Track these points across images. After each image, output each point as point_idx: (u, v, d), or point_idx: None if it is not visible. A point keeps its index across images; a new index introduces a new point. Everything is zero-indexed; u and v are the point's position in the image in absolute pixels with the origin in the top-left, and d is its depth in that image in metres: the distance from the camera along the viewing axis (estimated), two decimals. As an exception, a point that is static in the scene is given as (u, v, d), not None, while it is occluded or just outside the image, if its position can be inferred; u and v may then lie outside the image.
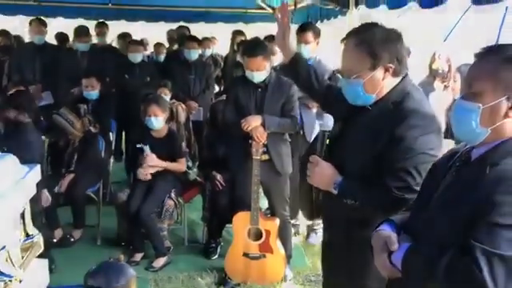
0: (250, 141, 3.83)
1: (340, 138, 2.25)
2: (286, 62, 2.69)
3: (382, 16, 4.26)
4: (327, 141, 2.26)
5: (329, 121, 2.30)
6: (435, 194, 1.66)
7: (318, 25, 5.11)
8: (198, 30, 8.14)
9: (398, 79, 2.14)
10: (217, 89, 7.37)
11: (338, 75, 4.00)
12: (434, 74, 5.02)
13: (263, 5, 8.12)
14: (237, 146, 4.08)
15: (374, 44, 2.07)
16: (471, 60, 1.62)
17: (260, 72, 3.84)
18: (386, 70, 2.09)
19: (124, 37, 7.71)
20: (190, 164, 5.26)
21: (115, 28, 8.33)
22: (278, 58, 4.87)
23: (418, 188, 1.96)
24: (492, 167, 1.49)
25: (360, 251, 2.17)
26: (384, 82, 2.11)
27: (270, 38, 5.02)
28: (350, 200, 2.11)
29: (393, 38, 2.11)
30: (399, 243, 1.67)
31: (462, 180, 1.58)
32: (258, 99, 3.99)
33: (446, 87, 4.86)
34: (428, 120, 2.06)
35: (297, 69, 2.68)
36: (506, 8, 6.13)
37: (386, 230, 1.74)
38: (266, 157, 3.95)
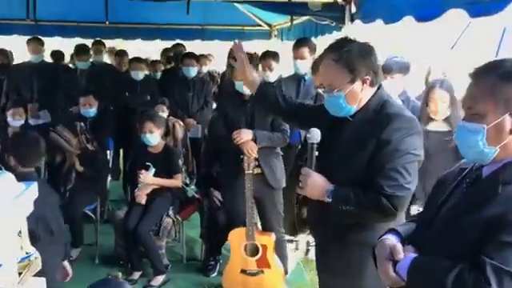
0: (241, 156, 3.83)
1: (326, 149, 2.35)
2: (253, 94, 2.81)
3: (380, 29, 4.28)
4: (316, 153, 2.34)
5: (315, 134, 2.35)
6: (443, 209, 1.66)
7: (314, 41, 5.13)
8: (194, 47, 8.15)
9: (374, 89, 2.30)
10: (214, 106, 7.39)
11: (319, 90, 4.02)
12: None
13: (260, 22, 8.17)
14: (229, 161, 4.07)
15: (352, 59, 2.22)
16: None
17: None
18: (364, 81, 2.25)
19: (120, 54, 7.72)
20: (188, 181, 5.25)
21: (111, 46, 8.37)
22: (274, 74, 4.89)
23: (408, 186, 2.10)
24: (504, 186, 1.51)
25: (354, 255, 2.26)
26: (363, 93, 2.27)
27: (268, 54, 5.03)
28: (344, 206, 2.17)
29: (368, 51, 2.26)
30: (404, 253, 1.67)
31: (473, 197, 1.58)
32: (248, 114, 4.01)
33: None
34: (410, 122, 2.21)
35: (263, 98, 2.78)
36: (504, 29, 6.17)
37: (390, 240, 1.74)
38: (258, 170, 3.95)
